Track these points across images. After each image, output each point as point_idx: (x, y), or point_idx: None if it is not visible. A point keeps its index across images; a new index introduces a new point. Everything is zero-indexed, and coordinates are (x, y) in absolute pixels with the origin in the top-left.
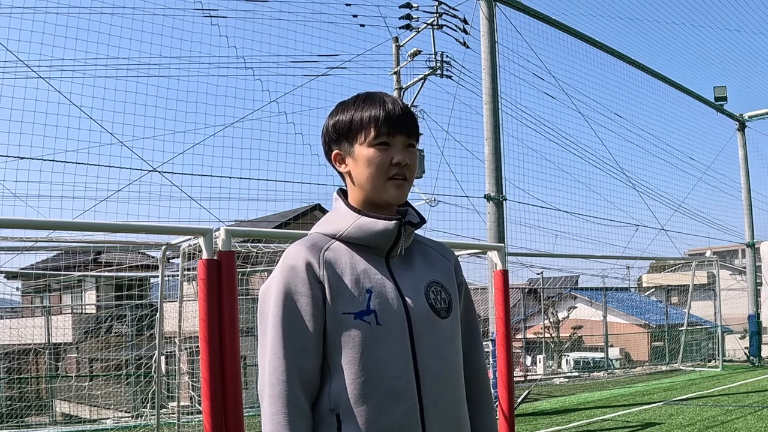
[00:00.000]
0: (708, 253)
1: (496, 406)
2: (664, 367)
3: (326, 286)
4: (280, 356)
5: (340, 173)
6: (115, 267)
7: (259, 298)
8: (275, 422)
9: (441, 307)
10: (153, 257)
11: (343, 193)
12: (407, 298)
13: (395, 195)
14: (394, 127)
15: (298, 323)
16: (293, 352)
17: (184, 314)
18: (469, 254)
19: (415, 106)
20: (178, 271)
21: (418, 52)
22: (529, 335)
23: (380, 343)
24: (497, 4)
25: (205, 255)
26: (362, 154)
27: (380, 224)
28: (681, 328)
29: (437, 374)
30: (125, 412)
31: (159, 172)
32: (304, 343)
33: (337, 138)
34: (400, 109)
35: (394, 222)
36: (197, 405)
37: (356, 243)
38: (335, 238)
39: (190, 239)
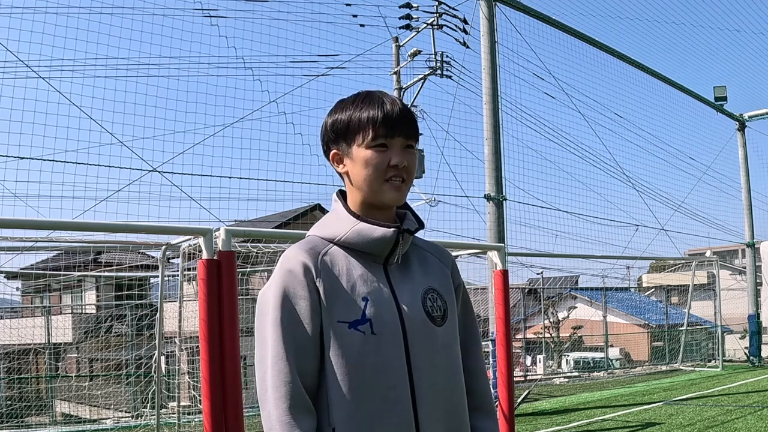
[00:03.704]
0: (708, 253)
1: (496, 406)
2: (664, 367)
3: (322, 291)
4: (282, 358)
5: (339, 173)
6: (115, 267)
7: (258, 303)
8: (283, 423)
9: (437, 315)
10: (153, 257)
11: (342, 195)
12: (403, 306)
13: (393, 197)
14: (392, 128)
15: (298, 326)
16: (295, 353)
17: (184, 314)
18: (469, 254)
19: (415, 106)
20: (178, 271)
21: (418, 52)
22: (529, 335)
23: (374, 353)
24: (497, 4)
25: (205, 255)
26: (360, 155)
27: (378, 231)
28: (681, 328)
29: (433, 384)
30: (125, 412)
31: (159, 172)
32: (304, 344)
33: (335, 138)
34: (398, 110)
35: (392, 230)
36: (198, 405)
37: (354, 248)
38: (333, 242)
39: (190, 239)
